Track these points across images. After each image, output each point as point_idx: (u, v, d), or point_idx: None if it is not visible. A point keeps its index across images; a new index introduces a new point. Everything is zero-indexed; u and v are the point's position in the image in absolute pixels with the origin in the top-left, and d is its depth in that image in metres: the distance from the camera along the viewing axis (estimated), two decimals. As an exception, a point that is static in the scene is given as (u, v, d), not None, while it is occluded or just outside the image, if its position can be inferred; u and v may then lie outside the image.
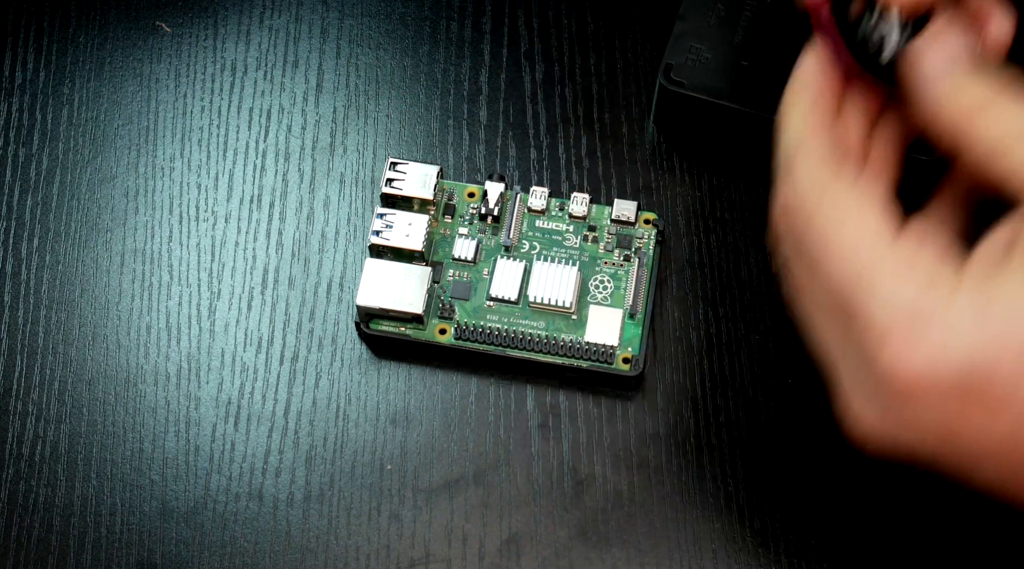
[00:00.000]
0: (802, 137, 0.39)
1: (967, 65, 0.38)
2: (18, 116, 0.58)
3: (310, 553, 0.51)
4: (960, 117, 0.37)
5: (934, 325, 0.35)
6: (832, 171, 0.38)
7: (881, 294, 0.36)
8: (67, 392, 0.53)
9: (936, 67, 0.38)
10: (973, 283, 0.35)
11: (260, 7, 0.60)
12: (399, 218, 0.53)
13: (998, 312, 0.34)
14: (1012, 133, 0.36)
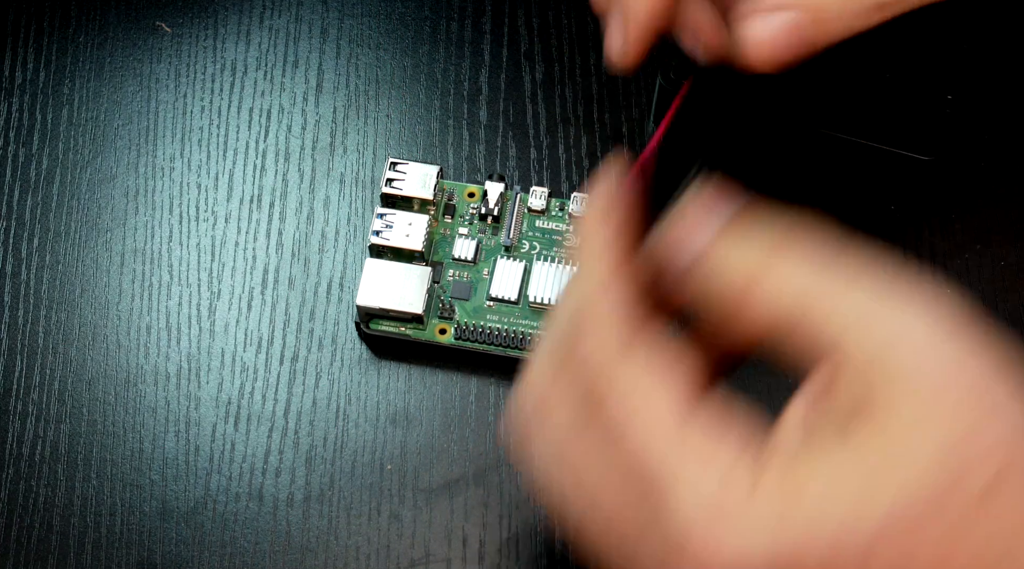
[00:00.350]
0: (595, 293, 0.35)
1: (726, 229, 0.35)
2: (18, 116, 0.58)
3: (310, 553, 0.51)
4: (736, 294, 0.34)
5: (735, 523, 0.32)
6: (625, 343, 0.34)
7: (680, 490, 0.33)
8: (67, 392, 0.53)
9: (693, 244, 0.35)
10: (772, 477, 0.32)
11: (260, 7, 0.60)
12: (399, 218, 0.53)
13: (799, 508, 0.31)
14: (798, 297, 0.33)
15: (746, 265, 0.34)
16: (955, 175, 0.56)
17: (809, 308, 0.33)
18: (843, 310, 0.32)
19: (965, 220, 0.56)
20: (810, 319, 0.33)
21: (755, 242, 0.34)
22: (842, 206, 0.56)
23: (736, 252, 0.34)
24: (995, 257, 0.55)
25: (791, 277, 0.33)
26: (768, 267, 0.34)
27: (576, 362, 0.35)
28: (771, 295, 0.33)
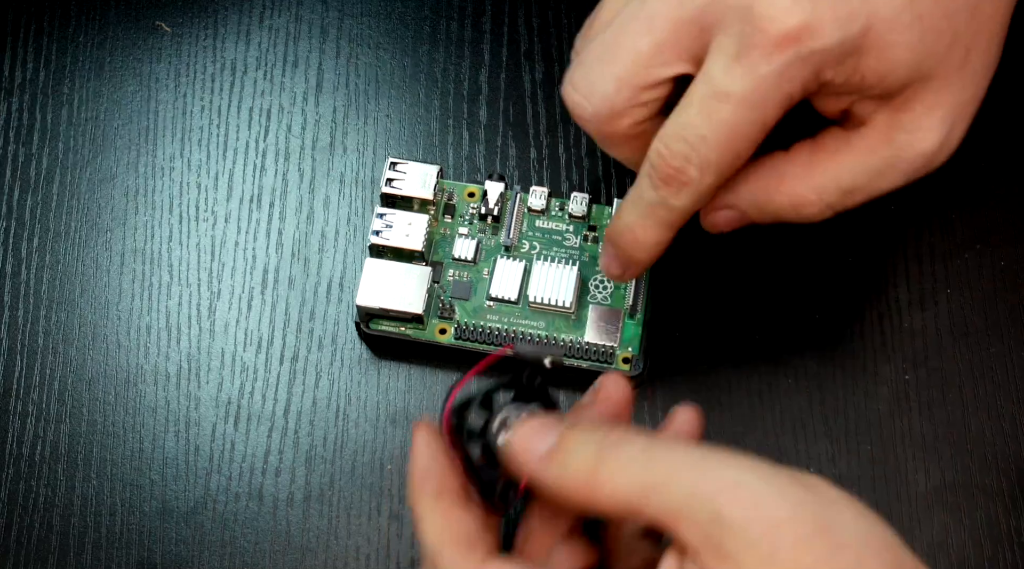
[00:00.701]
0: (437, 542, 0.39)
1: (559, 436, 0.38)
2: (18, 116, 0.58)
3: (310, 553, 0.51)
4: (583, 494, 0.37)
5: None
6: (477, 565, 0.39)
7: None
8: (67, 392, 0.53)
9: (529, 458, 0.39)
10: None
11: (260, 7, 0.60)
12: (399, 218, 0.53)
13: None
14: (636, 490, 0.36)
15: (584, 464, 0.37)
16: (955, 175, 0.56)
17: (643, 499, 0.36)
18: (671, 495, 0.36)
19: (965, 220, 0.56)
20: (649, 507, 0.36)
21: (586, 445, 0.38)
22: (842, 206, 0.56)
23: (573, 454, 0.38)
24: (995, 257, 0.55)
25: (622, 472, 0.37)
26: (601, 462, 0.37)
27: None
28: (611, 489, 0.37)
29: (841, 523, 0.35)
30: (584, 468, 0.37)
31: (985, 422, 0.52)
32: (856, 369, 0.53)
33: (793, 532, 0.34)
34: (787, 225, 0.56)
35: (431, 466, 0.40)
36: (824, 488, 0.36)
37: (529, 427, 0.39)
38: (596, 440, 0.38)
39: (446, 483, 0.40)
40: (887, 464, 0.52)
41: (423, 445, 0.40)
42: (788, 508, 0.35)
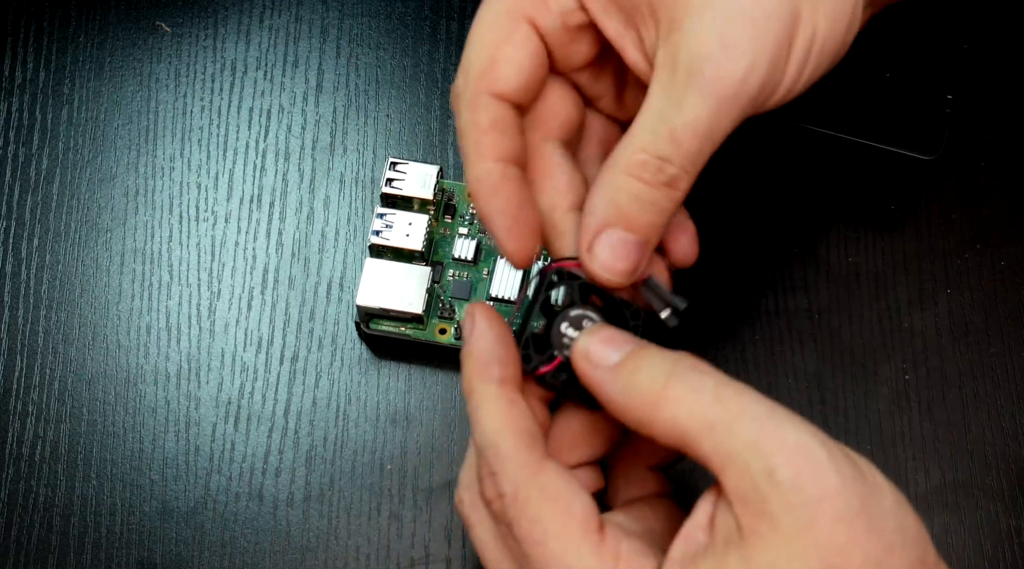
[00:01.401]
0: (497, 433, 0.38)
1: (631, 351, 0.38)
2: (18, 116, 0.58)
3: (310, 553, 0.51)
4: (643, 412, 0.37)
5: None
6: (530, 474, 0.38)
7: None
8: (67, 392, 0.53)
9: (600, 361, 0.38)
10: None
11: (260, 7, 0.60)
12: (399, 218, 0.53)
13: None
14: (696, 422, 0.36)
15: (653, 383, 0.37)
16: (955, 175, 0.56)
17: (702, 433, 0.36)
18: (731, 439, 0.36)
19: (965, 220, 0.56)
20: (705, 443, 0.36)
21: (658, 366, 0.38)
22: (842, 206, 0.56)
23: (644, 371, 0.37)
24: (995, 257, 0.55)
25: (689, 401, 0.36)
26: (670, 386, 0.37)
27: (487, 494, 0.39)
28: (673, 414, 0.37)
29: (881, 509, 0.35)
30: (652, 387, 0.37)
31: (985, 422, 0.52)
32: (856, 369, 0.53)
33: (835, 507, 0.34)
34: (789, 224, 0.56)
35: (495, 350, 0.38)
36: (873, 472, 0.36)
37: (604, 334, 0.38)
38: (669, 363, 0.37)
39: (510, 370, 0.38)
40: (887, 464, 0.52)
41: (484, 325, 0.39)
42: (838, 483, 0.35)
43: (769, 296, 0.54)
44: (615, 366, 0.38)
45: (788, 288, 0.54)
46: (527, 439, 0.38)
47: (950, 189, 0.56)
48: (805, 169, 0.56)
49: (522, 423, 0.39)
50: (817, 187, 0.56)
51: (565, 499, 0.38)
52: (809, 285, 0.54)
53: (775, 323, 0.54)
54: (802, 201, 0.56)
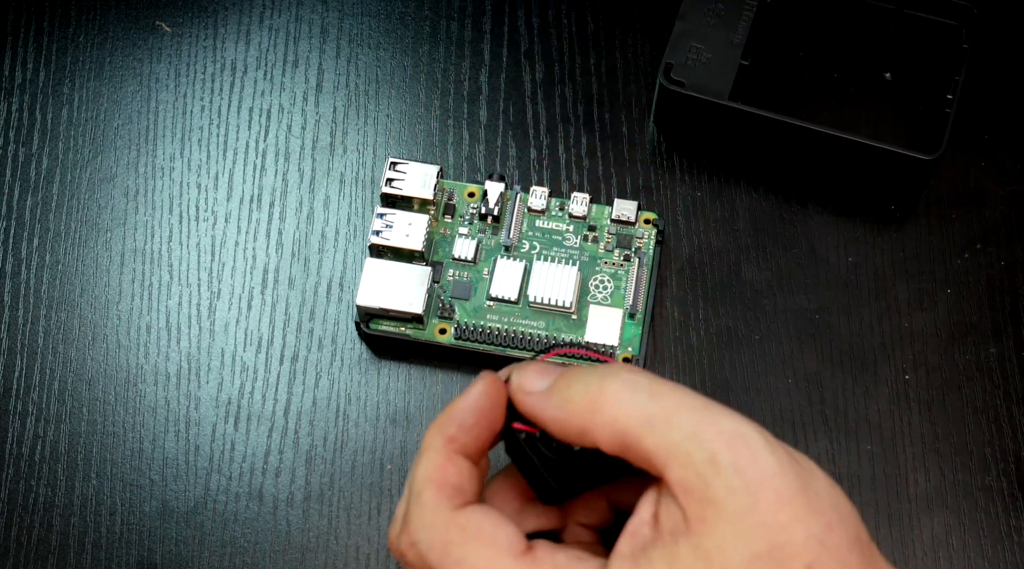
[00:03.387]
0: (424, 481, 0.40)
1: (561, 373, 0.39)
2: (18, 116, 0.58)
3: (310, 553, 0.51)
4: (582, 419, 0.38)
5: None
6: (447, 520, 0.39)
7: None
8: (67, 392, 0.53)
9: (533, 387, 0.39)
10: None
11: (260, 7, 0.60)
12: (399, 218, 0.53)
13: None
14: (635, 419, 0.37)
15: (587, 389, 0.38)
16: (955, 175, 0.56)
17: (643, 429, 0.37)
18: (671, 432, 0.37)
19: (965, 220, 0.56)
20: (646, 439, 0.37)
21: (590, 375, 0.39)
22: (842, 206, 0.56)
23: (577, 383, 0.39)
24: (995, 257, 0.55)
25: (625, 399, 0.37)
26: (603, 389, 0.38)
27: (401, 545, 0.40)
28: (612, 414, 0.38)
29: (817, 490, 0.37)
30: (587, 394, 0.38)
31: (985, 422, 0.52)
32: (856, 369, 0.53)
33: (775, 488, 0.36)
34: (789, 224, 0.56)
35: (465, 415, 0.40)
36: (805, 459, 0.38)
37: (535, 367, 0.40)
38: (600, 371, 0.38)
39: (463, 434, 0.40)
40: (887, 464, 0.52)
41: (475, 396, 0.40)
42: (776, 465, 0.36)
43: (769, 296, 0.54)
44: (548, 388, 0.39)
45: (788, 288, 0.54)
46: (451, 492, 0.39)
47: (950, 189, 0.56)
48: (805, 169, 0.56)
49: (453, 479, 0.40)
50: (817, 187, 0.56)
51: (487, 533, 0.38)
52: (809, 285, 0.54)
53: (775, 323, 0.54)
54: (802, 201, 0.56)
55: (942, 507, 0.51)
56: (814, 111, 0.57)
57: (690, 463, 0.36)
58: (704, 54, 0.55)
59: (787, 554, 0.35)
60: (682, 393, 0.38)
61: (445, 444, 0.40)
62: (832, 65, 0.58)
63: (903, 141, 0.56)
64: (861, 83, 0.58)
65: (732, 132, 0.55)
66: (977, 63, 0.57)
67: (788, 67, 0.58)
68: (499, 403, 0.40)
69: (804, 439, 0.52)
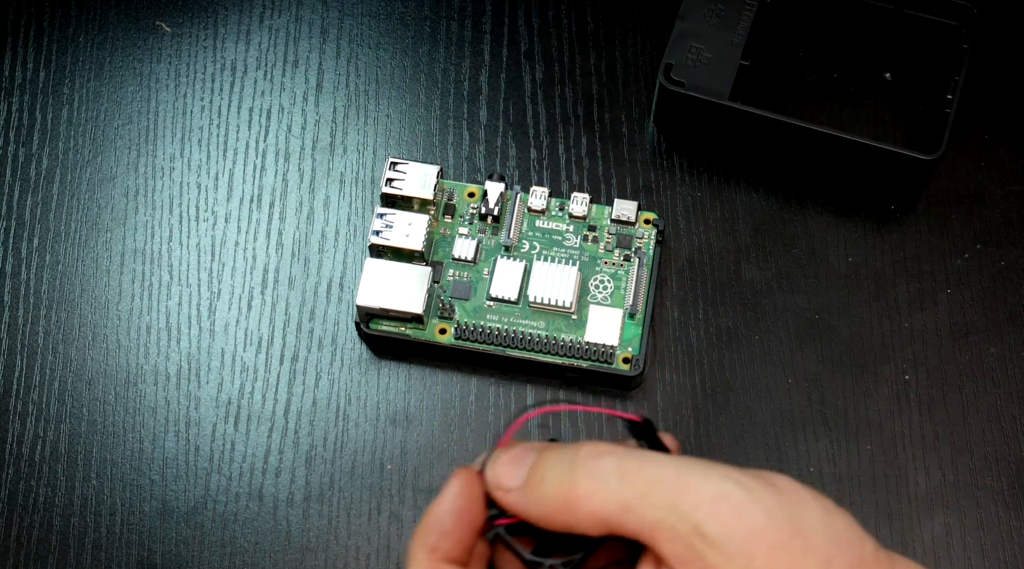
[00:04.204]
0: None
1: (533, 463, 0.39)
2: (18, 116, 0.58)
3: (310, 553, 0.51)
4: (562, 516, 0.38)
5: None
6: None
7: None
8: (67, 392, 0.53)
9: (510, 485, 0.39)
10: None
11: (260, 7, 0.60)
12: (399, 218, 0.53)
13: None
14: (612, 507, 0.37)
15: (559, 486, 0.38)
16: (955, 175, 0.56)
17: (622, 515, 0.37)
18: (649, 511, 0.36)
19: (965, 220, 0.56)
20: (628, 522, 0.37)
21: (559, 468, 0.38)
22: (842, 206, 0.56)
23: (549, 479, 0.38)
24: (995, 257, 0.55)
25: (598, 491, 0.37)
26: (575, 483, 0.37)
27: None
28: (589, 509, 0.37)
29: (811, 525, 0.36)
30: (560, 491, 0.38)
31: (985, 422, 0.52)
32: (856, 369, 0.53)
33: (768, 540, 0.36)
34: (789, 224, 0.56)
35: (442, 519, 0.39)
36: (793, 489, 0.37)
37: (506, 457, 0.39)
38: (567, 460, 0.38)
39: (444, 541, 0.39)
40: (887, 464, 0.52)
41: (450, 497, 0.40)
42: (764, 516, 0.36)
43: (769, 296, 0.54)
44: (523, 485, 0.39)
45: (788, 288, 0.54)
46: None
47: (950, 189, 0.56)
48: (805, 169, 0.56)
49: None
50: (817, 187, 0.56)
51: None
52: (809, 285, 0.54)
53: (775, 323, 0.54)
54: (802, 201, 0.56)
55: (942, 507, 0.51)
56: (814, 111, 0.57)
57: (677, 537, 0.36)
58: (704, 54, 0.55)
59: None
60: (653, 466, 0.37)
61: (428, 556, 0.39)
62: (832, 65, 0.58)
63: (903, 141, 0.56)
64: (861, 83, 0.57)
65: (732, 132, 0.55)
66: (977, 63, 0.57)
67: (788, 67, 0.58)
68: (476, 498, 0.40)
69: (804, 439, 0.52)
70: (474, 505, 0.39)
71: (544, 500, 0.38)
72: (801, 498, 0.37)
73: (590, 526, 0.37)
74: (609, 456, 0.38)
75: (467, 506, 0.40)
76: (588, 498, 0.37)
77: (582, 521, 0.37)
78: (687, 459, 0.37)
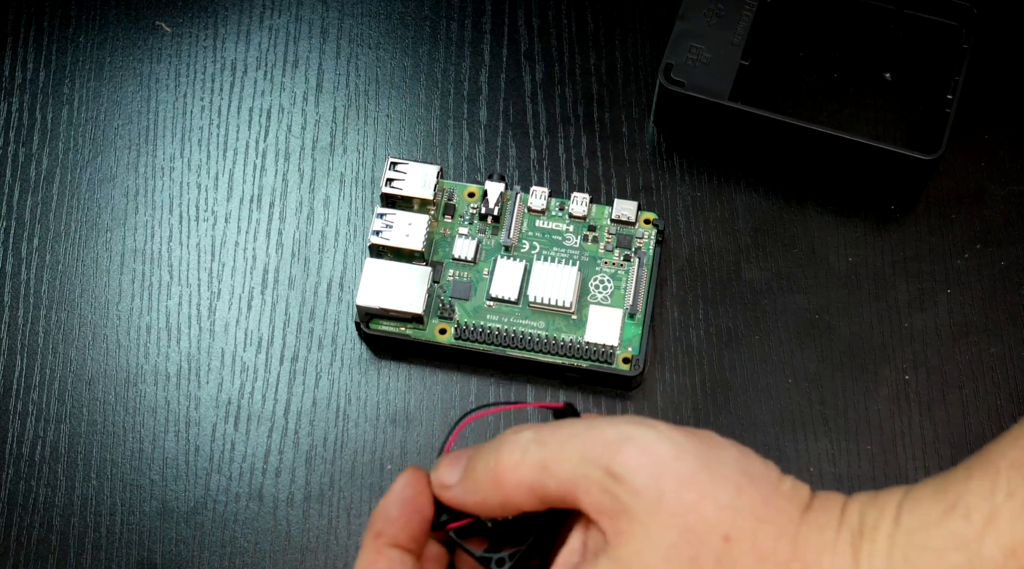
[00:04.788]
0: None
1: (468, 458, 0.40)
2: (18, 116, 0.58)
3: (310, 553, 0.51)
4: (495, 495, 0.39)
5: None
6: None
7: None
8: (67, 392, 0.53)
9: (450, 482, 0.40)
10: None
11: (260, 7, 0.60)
12: (399, 218, 0.53)
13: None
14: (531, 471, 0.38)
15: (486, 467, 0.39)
16: (955, 175, 0.56)
17: (541, 476, 0.38)
18: (563, 465, 0.37)
19: (965, 220, 0.56)
20: (548, 482, 0.38)
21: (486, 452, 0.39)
22: (842, 206, 0.56)
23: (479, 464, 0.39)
24: (995, 257, 0.55)
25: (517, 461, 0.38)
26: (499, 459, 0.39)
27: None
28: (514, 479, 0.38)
29: (721, 461, 0.37)
30: (488, 472, 0.39)
31: (985, 422, 0.52)
32: (856, 369, 0.53)
33: (676, 473, 0.36)
34: (789, 224, 0.56)
35: (388, 510, 0.41)
36: (711, 435, 0.38)
37: (446, 461, 0.41)
38: (495, 444, 0.39)
39: (389, 527, 0.41)
40: (887, 464, 0.52)
41: (397, 489, 0.41)
42: (672, 451, 0.37)
43: (769, 296, 0.54)
44: (460, 479, 0.40)
45: (788, 288, 0.54)
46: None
47: (950, 189, 0.56)
48: (805, 169, 0.56)
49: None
50: (817, 187, 0.56)
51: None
52: (809, 285, 0.54)
53: (775, 323, 0.54)
54: (802, 201, 0.56)
55: (942, 507, 0.51)
56: (814, 111, 0.57)
57: (593, 485, 0.37)
58: (704, 54, 0.55)
59: (701, 532, 0.36)
60: (566, 427, 0.38)
61: (373, 540, 0.41)
62: (832, 65, 0.58)
63: (903, 141, 0.56)
64: (861, 83, 0.57)
65: (732, 132, 0.55)
66: (977, 63, 0.57)
67: (788, 67, 0.58)
68: (422, 491, 0.41)
69: (804, 439, 0.52)
70: (419, 497, 0.41)
71: (478, 486, 0.39)
72: (717, 441, 0.38)
73: (520, 499, 0.38)
74: (527, 429, 0.39)
75: (412, 497, 0.41)
76: (512, 471, 0.38)
77: (511, 495, 0.38)
78: (603, 416, 0.39)
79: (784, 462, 0.51)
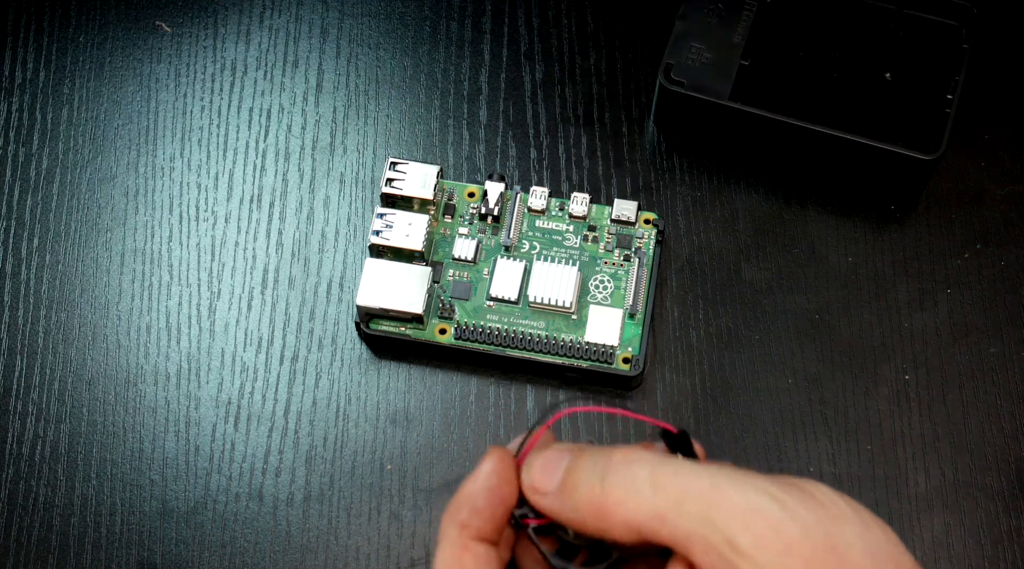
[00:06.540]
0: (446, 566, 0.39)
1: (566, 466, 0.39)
2: (18, 116, 0.58)
3: (310, 553, 0.51)
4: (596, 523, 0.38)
5: None
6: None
7: None
8: (67, 392, 0.53)
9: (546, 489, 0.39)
10: None
11: (260, 7, 0.60)
12: (399, 218, 0.53)
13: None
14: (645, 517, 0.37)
15: (592, 494, 0.38)
16: (955, 175, 0.56)
17: (654, 525, 0.36)
18: (683, 522, 0.36)
19: (965, 220, 0.56)
20: (661, 532, 0.36)
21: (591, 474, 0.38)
22: (842, 206, 0.56)
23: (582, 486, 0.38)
24: (995, 257, 0.55)
25: (630, 500, 0.37)
26: (607, 492, 0.37)
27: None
28: (622, 518, 0.37)
29: (847, 540, 0.36)
30: (592, 499, 0.37)
31: (985, 422, 0.52)
32: (856, 369, 0.53)
33: (803, 555, 0.35)
34: (789, 224, 0.56)
35: (475, 496, 0.39)
36: (830, 500, 0.37)
37: (541, 461, 0.39)
38: (600, 466, 0.38)
39: (475, 518, 0.39)
40: (887, 464, 0.52)
41: (483, 476, 0.39)
42: (799, 530, 0.35)
43: (769, 296, 0.54)
44: (558, 490, 0.39)
45: (788, 288, 0.54)
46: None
47: (950, 189, 0.56)
48: (805, 169, 0.56)
49: (464, 564, 0.39)
50: (817, 187, 0.56)
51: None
52: (809, 285, 0.54)
53: (775, 323, 0.54)
54: (802, 201, 0.56)
55: (942, 507, 0.51)
56: (814, 111, 0.57)
57: (711, 548, 0.35)
58: (704, 54, 0.55)
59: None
60: (686, 475, 0.37)
61: (459, 532, 0.39)
62: (832, 65, 0.58)
63: (903, 141, 0.56)
64: (861, 83, 0.58)
65: (732, 132, 0.55)
66: (977, 63, 0.57)
67: (788, 67, 0.58)
68: (509, 478, 0.39)
69: (804, 439, 0.52)
70: (505, 485, 0.39)
71: (578, 506, 0.38)
72: (839, 511, 0.37)
73: (622, 533, 0.37)
74: (642, 464, 0.37)
75: (499, 485, 0.39)
76: (621, 506, 0.37)
77: (614, 528, 0.37)
78: (721, 469, 0.37)
79: (784, 462, 0.51)
